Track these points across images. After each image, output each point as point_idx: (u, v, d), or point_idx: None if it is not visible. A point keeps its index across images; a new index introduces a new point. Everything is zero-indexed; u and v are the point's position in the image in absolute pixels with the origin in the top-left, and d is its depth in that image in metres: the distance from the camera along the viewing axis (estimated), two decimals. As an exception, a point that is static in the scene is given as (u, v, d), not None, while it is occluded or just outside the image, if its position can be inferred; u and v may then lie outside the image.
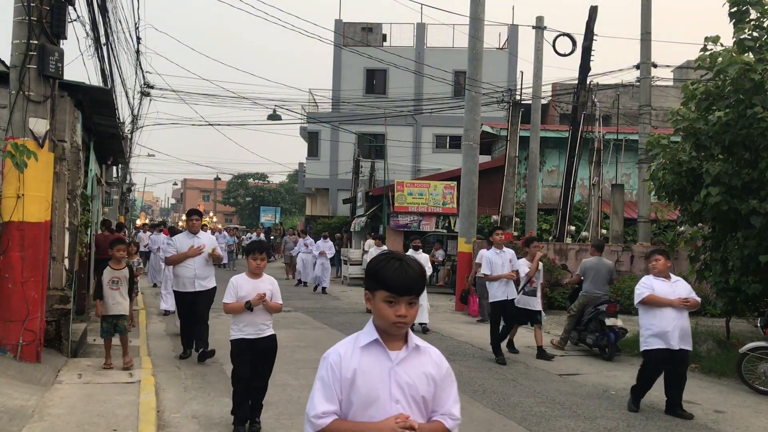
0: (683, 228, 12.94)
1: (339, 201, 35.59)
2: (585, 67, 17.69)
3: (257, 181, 70.84)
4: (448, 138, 35.47)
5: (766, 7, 9.63)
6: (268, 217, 52.57)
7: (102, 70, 13.55)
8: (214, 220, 61.29)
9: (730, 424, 6.68)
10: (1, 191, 7.28)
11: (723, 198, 9.27)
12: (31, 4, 7.19)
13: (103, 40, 12.61)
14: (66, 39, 7.71)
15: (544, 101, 22.90)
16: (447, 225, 23.12)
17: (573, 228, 19.52)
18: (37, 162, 7.11)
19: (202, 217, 9.44)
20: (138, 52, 19.31)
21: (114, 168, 24.08)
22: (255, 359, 5.70)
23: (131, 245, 11.66)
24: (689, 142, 10.00)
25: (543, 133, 21.63)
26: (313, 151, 37.50)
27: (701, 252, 10.59)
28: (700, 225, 11.24)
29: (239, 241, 31.45)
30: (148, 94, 21.86)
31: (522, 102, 20.07)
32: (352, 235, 27.07)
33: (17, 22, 7.28)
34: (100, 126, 11.62)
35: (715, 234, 10.37)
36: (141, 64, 20.29)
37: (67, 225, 9.08)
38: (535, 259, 10.09)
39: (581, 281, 11.05)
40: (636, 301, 6.99)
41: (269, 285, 5.81)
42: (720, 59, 9.28)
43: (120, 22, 19.89)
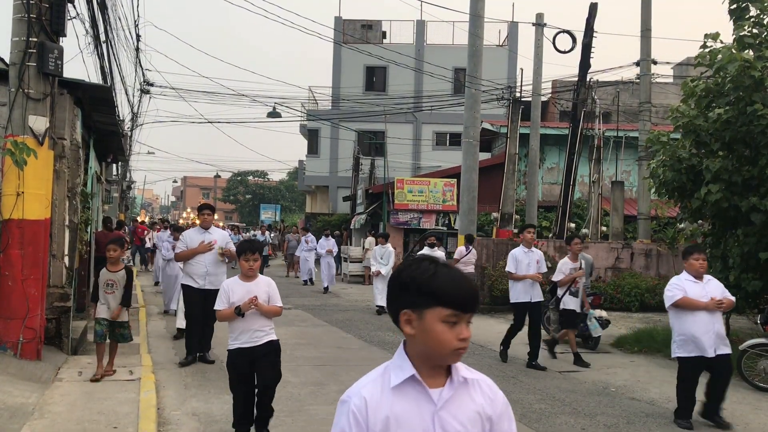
0: (683, 225, 12.95)
1: (339, 198, 35.59)
2: (585, 64, 17.68)
3: (257, 179, 70.86)
4: (448, 135, 35.46)
5: (765, 4, 9.61)
6: (268, 215, 52.59)
7: (101, 67, 13.54)
8: (215, 218, 61.23)
9: (729, 420, 6.67)
10: (1, 189, 7.28)
11: (723, 195, 9.27)
12: (31, 1, 7.18)
13: (103, 37, 12.61)
14: (65, 36, 7.71)
15: (544, 98, 22.88)
16: (447, 222, 23.13)
17: (573, 225, 19.52)
18: (37, 159, 7.12)
19: (214, 212, 8.91)
20: (137, 49, 19.29)
21: (114, 165, 24.06)
22: (255, 365, 5.27)
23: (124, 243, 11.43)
24: (689, 139, 10.00)
25: (543, 130, 21.63)
26: (313, 149, 37.49)
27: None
28: (700, 222, 11.25)
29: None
30: (147, 91, 21.85)
31: (522, 99, 20.05)
32: (352, 233, 27.08)
33: (17, 19, 7.27)
34: (99, 123, 11.61)
35: (715, 231, 10.37)
36: (140, 61, 20.29)
37: (67, 222, 9.07)
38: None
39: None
40: (668, 304, 6.45)
41: (265, 287, 5.34)
42: (720, 56, 9.28)
43: (119, 19, 19.85)
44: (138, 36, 18.90)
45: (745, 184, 9.28)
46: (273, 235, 25.85)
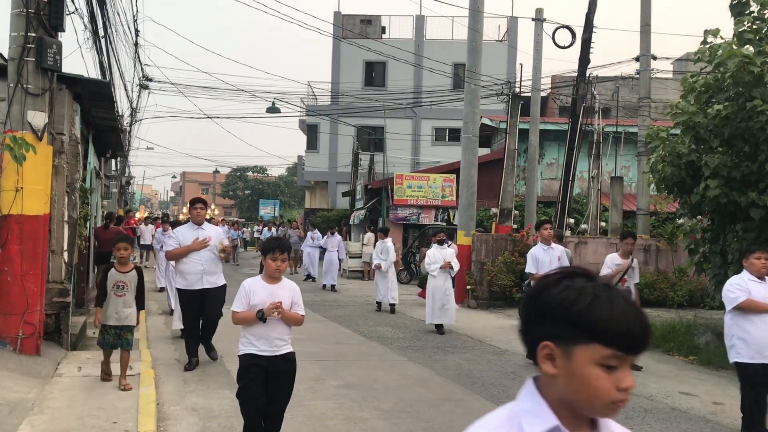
0: (682, 220, 12.96)
1: (338, 194, 35.59)
2: (584, 60, 17.65)
3: (256, 174, 70.85)
4: (447, 131, 35.45)
5: (766, 0, 9.61)
6: (267, 210, 52.63)
7: (100, 62, 13.52)
8: (215, 213, 61.27)
9: (728, 415, 6.69)
10: (0, 184, 7.28)
11: (722, 191, 9.28)
12: (29, -4, 7.17)
13: (102, 32, 12.58)
14: (64, 31, 7.70)
15: (543, 94, 22.87)
16: (446, 218, 23.14)
17: (572, 221, 19.53)
18: (36, 155, 7.11)
19: (207, 206, 8.39)
20: (136, 44, 19.25)
21: (113, 161, 24.05)
22: (268, 382, 4.66)
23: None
24: (688, 135, 10.00)
25: (542, 126, 21.61)
26: (313, 144, 37.47)
27: (700, 244, 10.61)
28: (699, 217, 11.26)
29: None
30: (146, 86, 21.80)
31: (521, 94, 20.02)
32: (351, 228, 27.09)
33: (15, 14, 7.26)
34: (98, 119, 11.61)
35: (714, 226, 10.38)
36: (139, 56, 20.26)
37: (66, 218, 9.07)
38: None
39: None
40: (730, 306, 5.86)
41: (289, 292, 4.77)
42: (720, 52, 9.27)
43: (118, 14, 19.84)
44: (137, 31, 18.86)
45: (744, 179, 9.29)
46: (282, 230, 25.46)
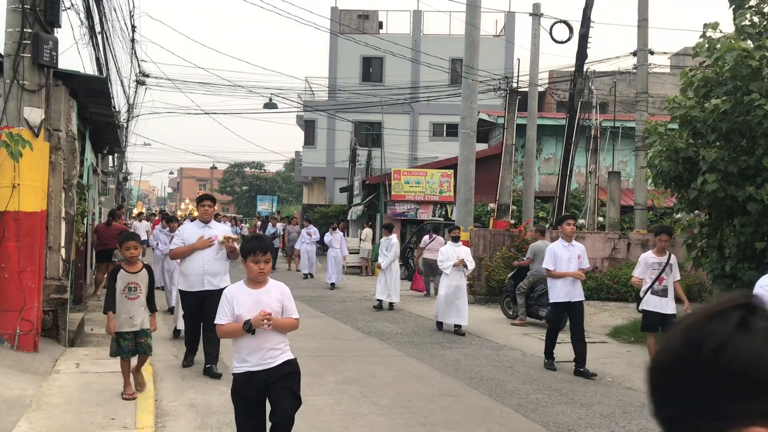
0: (680, 215, 12.98)
1: (336, 189, 35.58)
2: (582, 55, 17.65)
3: (254, 170, 70.79)
4: (445, 126, 35.42)
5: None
6: (264, 206, 52.62)
7: (97, 58, 13.47)
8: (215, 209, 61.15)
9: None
10: (-3, 181, 7.26)
11: (720, 185, 9.28)
12: (25, -8, 7.14)
13: (98, 28, 12.53)
14: (60, 27, 7.67)
15: (541, 89, 22.84)
16: (444, 213, 23.15)
17: (570, 216, 19.53)
18: (33, 151, 7.10)
19: (215, 203, 7.86)
20: (133, 40, 19.21)
21: (110, 157, 23.99)
22: (270, 395, 4.20)
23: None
24: (686, 129, 10.00)
25: (540, 121, 21.60)
26: (310, 140, 37.43)
27: (698, 239, 10.62)
28: (696, 212, 11.28)
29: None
30: (143, 82, 21.76)
31: (519, 89, 20.03)
32: (349, 224, 27.08)
33: (11, 10, 7.24)
34: (95, 115, 11.57)
35: (712, 221, 10.39)
36: (136, 52, 20.21)
37: (64, 214, 9.05)
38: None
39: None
40: None
41: (277, 295, 4.27)
42: (718, 46, 9.26)
43: (114, 10, 19.79)
44: (133, 27, 18.83)
45: (742, 174, 9.29)
46: (282, 226, 24.88)
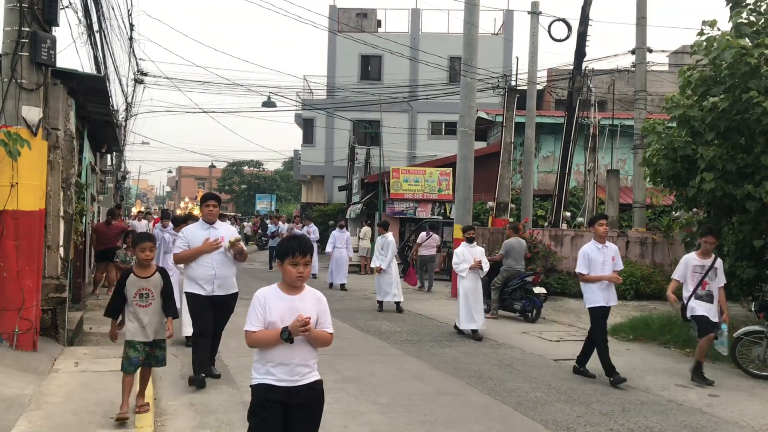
0: (678, 213, 13.01)
1: (335, 188, 35.58)
2: (580, 53, 17.65)
3: (252, 169, 70.76)
4: (443, 124, 35.43)
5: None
6: (263, 205, 52.63)
7: (95, 57, 13.45)
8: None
9: (724, 408, 6.72)
10: (-5, 180, 7.25)
11: (718, 183, 9.30)
12: (23, -10, 7.13)
13: (96, 26, 12.52)
14: (58, 26, 7.66)
15: (539, 87, 22.85)
16: (443, 211, 23.15)
17: (568, 214, 19.56)
18: (31, 150, 7.10)
19: (220, 203, 7.35)
20: (131, 38, 19.18)
21: (108, 156, 23.96)
22: (287, 417, 3.57)
23: (128, 237, 10.15)
24: (684, 128, 10.01)
25: (538, 119, 21.61)
26: (309, 138, 37.43)
27: (696, 237, 10.64)
28: (695, 210, 11.29)
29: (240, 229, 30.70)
30: (141, 81, 21.73)
31: (517, 88, 20.02)
32: (347, 222, 27.07)
33: (8, 8, 7.23)
34: (93, 114, 11.55)
35: (710, 219, 10.41)
36: (134, 51, 20.18)
37: (62, 213, 9.04)
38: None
39: (500, 259, 12.76)
40: None
41: (314, 304, 3.68)
42: (716, 44, 9.27)
43: (112, 8, 19.77)
44: (131, 25, 18.80)
45: (740, 172, 9.30)
46: (289, 226, 24.39)
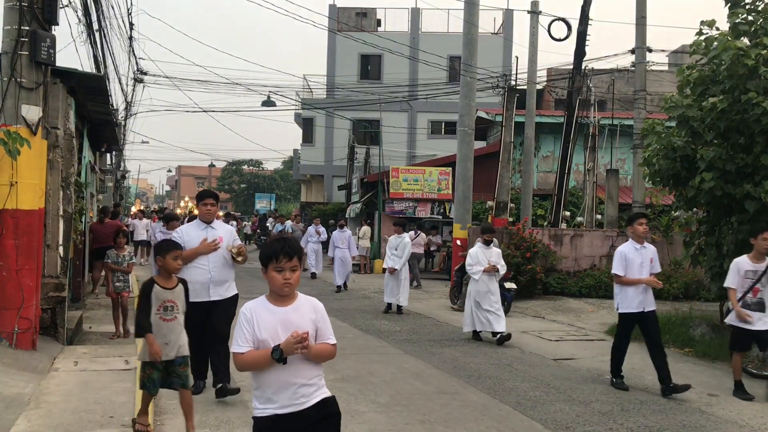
0: (678, 213, 13.00)
1: (334, 187, 35.57)
2: (580, 52, 17.65)
3: (252, 168, 70.78)
4: (443, 124, 35.43)
5: (761, -9, 9.59)
6: (263, 204, 52.61)
7: (95, 56, 13.45)
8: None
9: (723, 407, 6.73)
10: (-5, 179, 7.25)
11: (717, 183, 9.29)
12: (22, -11, 7.13)
13: (96, 25, 12.52)
14: (58, 25, 7.66)
15: (539, 87, 22.86)
16: (442, 211, 23.15)
17: (568, 213, 19.56)
18: (30, 149, 7.11)
19: (218, 202, 6.92)
20: (131, 38, 19.19)
21: (108, 155, 23.97)
22: None
23: (119, 236, 10.22)
24: (683, 128, 10.01)
25: (538, 119, 21.61)
26: (308, 138, 37.42)
27: (696, 237, 10.64)
28: (694, 210, 11.29)
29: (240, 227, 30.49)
30: (141, 80, 21.73)
31: (517, 87, 20.01)
32: (347, 222, 27.07)
33: (8, 7, 7.23)
34: (93, 113, 11.55)
35: (710, 219, 10.41)
36: (134, 50, 20.18)
37: (62, 212, 9.04)
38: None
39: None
40: None
41: (310, 314, 3.22)
42: (715, 44, 9.26)
43: (112, 7, 19.78)
44: (131, 24, 18.81)
45: (739, 172, 9.30)
46: (291, 225, 23.80)
